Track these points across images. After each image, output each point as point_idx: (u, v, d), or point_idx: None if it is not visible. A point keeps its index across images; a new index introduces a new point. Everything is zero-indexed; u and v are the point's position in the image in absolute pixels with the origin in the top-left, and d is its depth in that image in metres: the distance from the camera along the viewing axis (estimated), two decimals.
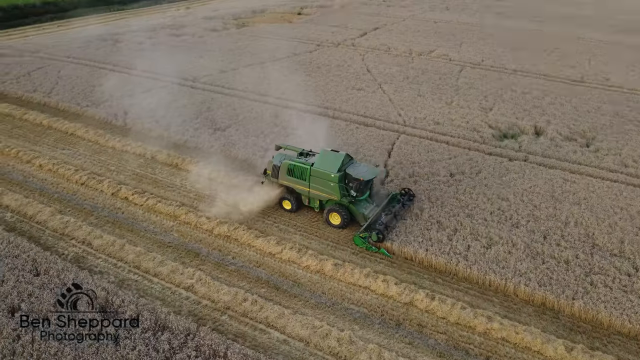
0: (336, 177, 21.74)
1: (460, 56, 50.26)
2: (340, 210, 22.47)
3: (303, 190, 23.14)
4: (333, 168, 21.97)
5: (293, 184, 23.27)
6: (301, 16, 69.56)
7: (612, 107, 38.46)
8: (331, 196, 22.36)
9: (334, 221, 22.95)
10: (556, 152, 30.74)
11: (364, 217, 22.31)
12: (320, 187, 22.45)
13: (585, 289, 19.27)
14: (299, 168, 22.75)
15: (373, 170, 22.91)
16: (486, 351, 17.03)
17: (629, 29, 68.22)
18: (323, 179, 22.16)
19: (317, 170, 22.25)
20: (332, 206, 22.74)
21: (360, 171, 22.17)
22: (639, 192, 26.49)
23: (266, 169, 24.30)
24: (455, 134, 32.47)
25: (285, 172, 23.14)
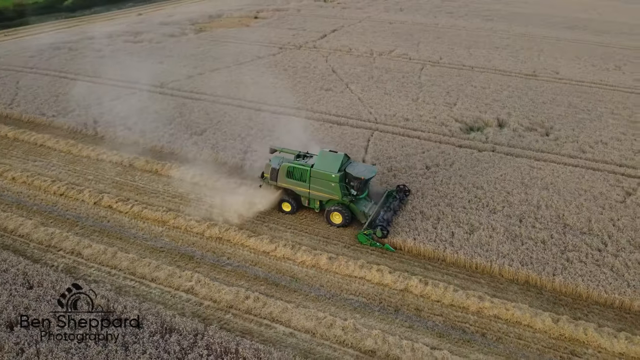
0: (337, 177, 22.17)
1: (420, 55, 52.05)
2: (342, 209, 22.91)
3: (303, 191, 23.40)
4: (333, 168, 22.38)
5: (293, 185, 23.49)
6: (258, 20, 69.79)
7: (565, 98, 41.04)
8: (332, 196, 22.75)
9: (336, 220, 23.32)
10: (520, 142, 32.61)
11: (364, 215, 22.87)
12: (321, 188, 22.78)
13: (563, 265, 20.75)
14: (298, 170, 23.03)
15: (372, 169, 23.49)
16: (481, 328, 18.10)
17: (570, 25, 72.57)
18: (324, 179, 22.51)
19: (318, 171, 22.59)
20: (332, 206, 23.12)
21: (359, 170, 22.76)
22: (598, 175, 28.57)
23: (263, 173, 24.38)
24: (425, 129, 33.81)
25: (284, 174, 23.36)
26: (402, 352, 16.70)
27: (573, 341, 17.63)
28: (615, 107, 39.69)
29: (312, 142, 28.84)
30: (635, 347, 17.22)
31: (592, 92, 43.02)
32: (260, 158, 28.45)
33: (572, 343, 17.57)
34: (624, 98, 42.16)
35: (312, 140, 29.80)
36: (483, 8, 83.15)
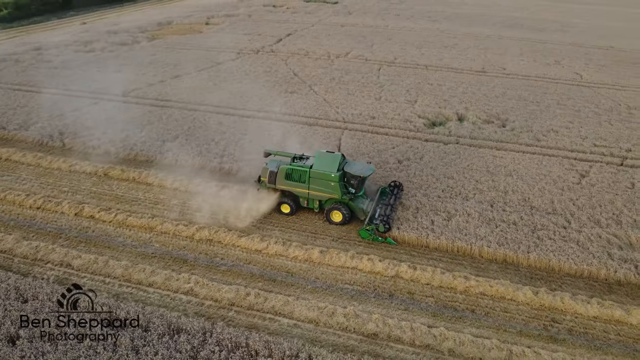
0: (337, 177, 22.83)
1: (375, 56, 53.77)
2: (341, 207, 23.58)
3: (302, 192, 23.89)
4: (332, 168, 23.03)
5: (292, 187, 23.92)
6: (210, 26, 69.46)
7: (515, 92, 43.81)
8: (332, 195, 23.37)
9: (336, 219, 23.92)
10: (480, 134, 34.66)
11: (363, 211, 23.69)
12: (321, 188, 23.34)
13: (535, 243, 22.53)
14: (297, 171, 23.50)
15: (369, 167, 24.19)
16: (470, 305, 19.46)
17: (509, 24, 76.91)
18: (323, 179, 23.09)
19: (317, 171, 23.14)
20: (332, 205, 23.76)
21: (357, 169, 23.51)
22: (554, 161, 30.94)
23: (260, 176, 24.70)
24: (392, 125, 35.25)
25: (283, 176, 23.76)
26: (402, 332, 17.76)
27: (552, 310, 19.31)
28: (560, 98, 42.79)
29: (287, 143, 29.61)
30: (606, 310, 19.10)
31: (538, 86, 46.11)
32: (238, 160, 28.95)
33: (552, 311, 19.25)
34: (567, 90, 45.48)
35: (286, 141, 30.56)
36: (427, 10, 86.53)
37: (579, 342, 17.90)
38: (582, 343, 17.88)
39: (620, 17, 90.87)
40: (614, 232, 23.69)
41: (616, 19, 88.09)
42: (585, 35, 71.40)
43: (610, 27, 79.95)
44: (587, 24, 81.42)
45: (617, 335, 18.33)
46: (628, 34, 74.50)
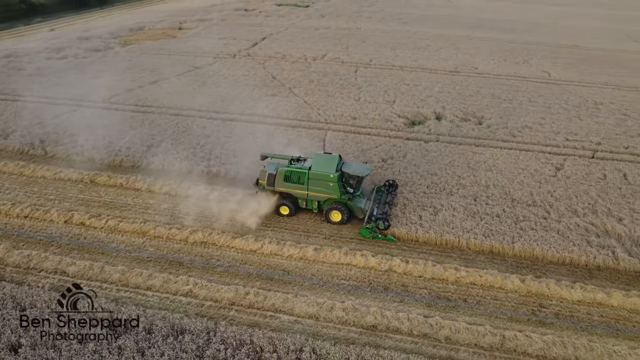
0: (335, 177, 23.30)
1: (351, 58, 54.62)
2: (340, 207, 24.06)
3: (301, 194, 24.21)
4: (331, 169, 23.47)
5: (291, 189, 24.21)
6: (183, 31, 69.09)
7: (488, 91, 45.28)
8: (331, 195, 23.80)
9: (335, 218, 24.37)
10: (459, 131, 35.78)
11: (361, 210, 24.23)
12: (320, 189, 23.74)
13: (518, 234, 23.56)
14: (296, 173, 23.81)
15: (366, 167, 24.77)
16: (462, 295, 20.26)
17: (477, 25, 79.07)
18: (322, 180, 23.50)
19: (316, 172, 23.53)
20: (331, 205, 24.20)
21: (355, 169, 24.06)
22: (530, 155, 32.25)
23: (258, 179, 24.91)
24: (373, 125, 36.04)
25: (282, 179, 24.02)
26: (400, 323, 18.40)
27: (539, 296, 20.29)
28: (531, 95, 44.46)
29: (273, 145, 30.01)
30: (589, 294, 20.18)
31: (509, 84, 47.74)
32: (226, 163, 29.17)
33: (539, 297, 20.22)
34: (536, 87, 47.26)
35: (272, 143, 30.92)
36: (397, 12, 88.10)
37: (566, 325, 18.89)
38: (568, 325, 18.87)
39: (583, 17, 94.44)
40: (590, 221, 24.94)
41: (579, 19, 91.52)
42: (552, 35, 74.06)
43: (575, 27, 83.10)
44: (553, 24, 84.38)
45: (600, 316, 19.41)
46: (591, 33, 77.58)
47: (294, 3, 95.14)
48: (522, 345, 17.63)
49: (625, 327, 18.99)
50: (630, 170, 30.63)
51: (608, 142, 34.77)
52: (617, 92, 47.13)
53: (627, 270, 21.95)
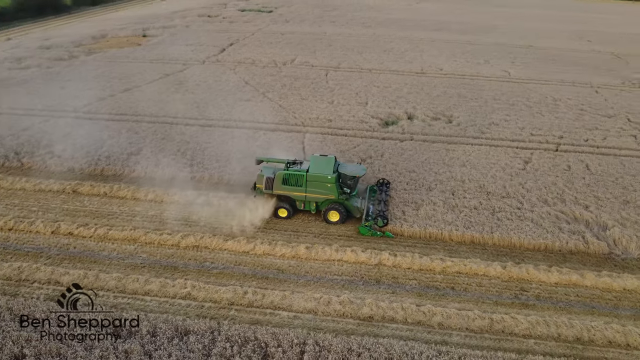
0: (333, 178, 24.02)
1: (319, 62, 55.57)
2: (338, 207, 24.77)
3: (299, 196, 24.75)
4: (328, 170, 24.20)
5: (289, 192, 24.70)
6: (148, 38, 68.37)
7: (454, 90, 47.10)
8: (329, 196, 24.46)
9: (333, 219, 25.02)
10: (431, 130, 37.22)
11: (357, 209, 25.00)
12: (318, 190, 24.37)
13: (496, 224, 24.97)
14: (294, 176, 24.37)
15: (361, 168, 25.63)
16: (449, 284, 21.38)
17: (438, 28, 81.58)
18: (320, 181, 24.13)
19: (314, 174, 24.16)
20: (329, 205, 24.85)
21: (351, 169, 24.87)
22: (500, 150, 33.97)
23: (256, 183, 25.29)
24: (349, 127, 37.04)
25: (280, 182, 24.49)
26: (395, 312, 19.35)
27: (520, 280, 21.65)
28: (494, 94, 46.55)
29: (253, 149, 30.61)
30: (565, 276, 21.69)
31: (473, 84, 49.78)
32: (209, 169, 29.46)
33: (520, 282, 21.58)
34: (499, 86, 49.47)
35: (252, 147, 31.51)
36: (360, 16, 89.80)
37: (547, 306, 20.28)
38: (549, 306, 20.26)
39: (535, 19, 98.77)
40: (560, 209, 26.64)
41: (532, 21, 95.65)
42: (507, 36, 77.20)
43: (528, 28, 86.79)
44: (507, 26, 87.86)
45: (576, 296, 20.91)
46: (543, 34, 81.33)
47: (257, 9, 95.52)
48: (509, 326, 18.86)
49: (599, 304, 20.55)
50: (592, 161, 32.74)
51: (569, 136, 36.97)
52: (573, 88, 49.89)
53: (596, 252, 23.65)
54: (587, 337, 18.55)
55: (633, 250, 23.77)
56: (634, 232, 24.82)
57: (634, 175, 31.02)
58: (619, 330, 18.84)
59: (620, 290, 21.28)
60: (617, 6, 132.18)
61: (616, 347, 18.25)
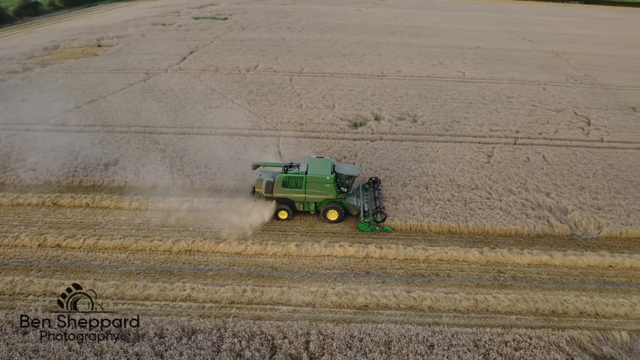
0: (331, 179, 25.08)
1: (282, 68, 56.53)
2: (337, 206, 25.81)
3: (299, 197, 25.62)
4: (326, 171, 25.26)
5: (289, 194, 25.54)
6: (104, 48, 67.06)
7: (415, 91, 49.26)
8: (327, 196, 25.46)
9: (332, 217, 26.03)
10: (398, 129, 38.99)
11: (354, 207, 26.10)
12: (317, 191, 25.33)
13: (469, 214, 26.80)
14: (293, 178, 25.21)
15: (356, 167, 26.79)
16: (433, 270, 22.94)
17: (391, 32, 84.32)
18: (319, 182, 25.12)
19: (312, 176, 25.12)
20: (328, 205, 25.81)
21: (347, 169, 26.09)
22: (464, 146, 36.13)
23: (255, 188, 26.01)
24: (320, 129, 38.24)
25: (280, 185, 25.28)
26: (387, 300, 20.67)
27: (496, 264, 23.49)
28: (452, 93, 49.04)
29: (231, 154, 31.30)
30: (535, 257, 23.75)
31: (431, 84, 52.16)
32: (190, 175, 29.84)
33: (497, 265, 23.42)
34: (455, 86, 52.10)
35: (229, 153, 32.18)
36: (315, 22, 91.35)
37: (522, 285, 22.17)
38: (524, 285, 22.15)
39: (475, 21, 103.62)
40: (525, 197, 28.85)
41: (473, 23, 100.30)
42: (456, 39, 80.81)
43: (471, 30, 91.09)
44: (454, 28, 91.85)
45: (547, 275, 22.94)
46: (487, 35, 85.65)
47: (211, 16, 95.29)
48: (492, 305, 20.57)
49: (568, 280, 22.65)
50: (547, 152, 35.41)
51: (525, 130, 39.70)
52: (523, 86, 53.22)
53: (560, 234, 25.92)
54: (561, 309, 20.52)
55: (592, 231, 26.17)
56: (591, 214, 27.28)
57: (586, 163, 33.85)
58: (588, 301, 20.95)
59: (585, 266, 23.50)
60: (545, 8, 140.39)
61: (587, 317, 20.30)
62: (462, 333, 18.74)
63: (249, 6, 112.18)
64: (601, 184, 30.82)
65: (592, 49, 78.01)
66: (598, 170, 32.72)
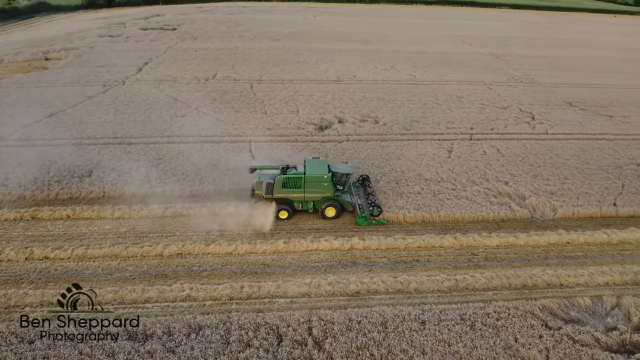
0: (329, 178, 26.54)
1: (241, 76, 57.38)
2: (334, 204, 27.19)
3: (298, 197, 26.85)
4: (324, 171, 26.73)
5: (288, 194, 26.70)
6: (52, 61, 65.17)
7: (372, 95, 51.53)
8: (325, 194, 26.85)
9: (330, 214, 27.40)
10: (362, 130, 40.94)
11: (350, 204, 27.58)
12: (315, 190, 26.68)
13: (440, 204, 28.94)
14: (292, 179, 26.43)
15: (349, 166, 28.61)
16: (414, 257, 24.76)
17: (340, 39, 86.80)
18: (317, 182, 26.49)
19: (311, 176, 26.47)
20: (325, 203, 27.17)
21: (342, 168, 27.80)
22: (426, 143, 38.55)
23: (255, 190, 26.97)
24: (288, 133, 39.55)
25: (280, 186, 26.38)
26: (377, 286, 22.26)
27: (469, 247, 25.64)
28: (408, 95, 51.69)
29: (206, 161, 32.07)
30: (503, 239, 26.11)
31: (387, 88, 54.68)
32: (168, 182, 30.30)
33: (469, 248, 25.57)
34: (409, 88, 54.89)
35: (204, 160, 32.92)
36: (265, 30, 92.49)
37: (494, 264, 24.39)
38: (496, 264, 24.40)
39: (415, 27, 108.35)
40: (486, 187, 31.37)
41: (413, 29, 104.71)
42: (401, 44, 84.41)
43: (415, 35, 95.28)
44: (397, 34, 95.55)
45: (514, 254, 25.31)
46: (429, 40, 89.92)
47: (159, 27, 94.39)
48: (471, 283, 22.61)
49: (533, 257, 25.13)
50: (501, 145, 38.41)
51: (478, 127, 42.70)
52: (470, 86, 56.78)
53: (522, 218, 28.53)
54: (530, 283, 22.83)
55: (548, 213, 28.96)
56: (546, 199, 30.12)
57: (535, 154, 37.04)
58: (553, 274, 23.41)
59: (546, 244, 26.10)
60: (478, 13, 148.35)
61: (553, 287, 22.71)
62: (449, 309, 20.58)
63: (197, 16, 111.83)
64: (551, 172, 33.92)
65: (527, 50, 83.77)
66: (547, 160, 35.91)
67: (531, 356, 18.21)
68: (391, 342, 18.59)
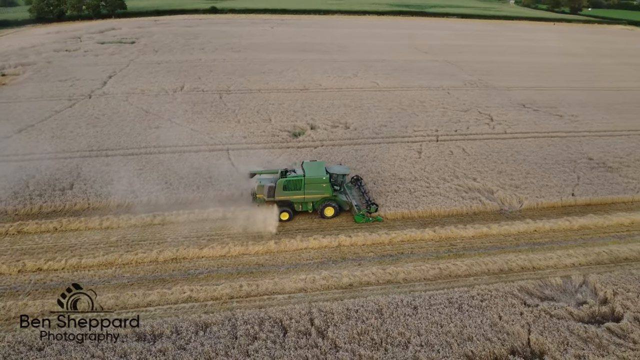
0: (327, 179, 27.91)
1: (209, 87, 57.92)
2: (333, 203, 28.53)
3: (298, 199, 28.05)
4: (322, 173, 28.10)
5: (289, 196, 27.88)
6: (10, 77, 63.39)
7: (340, 102, 53.33)
8: (324, 195, 28.18)
9: (329, 214, 28.77)
10: (335, 136, 42.54)
11: (346, 203, 28.91)
12: (315, 191, 27.99)
13: (416, 201, 30.80)
14: (293, 182, 27.63)
15: (345, 167, 30.39)
16: (399, 250, 26.42)
17: (302, 49, 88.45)
18: (316, 183, 27.81)
19: (310, 178, 27.77)
20: (324, 203, 28.45)
21: (339, 170, 29.38)
22: (397, 145, 40.57)
23: (256, 194, 27.95)
24: (264, 141, 40.62)
25: (281, 188, 27.50)
26: (368, 278, 23.71)
27: (448, 239, 27.54)
28: (373, 102, 53.78)
29: (187, 170, 32.75)
30: (477, 230, 28.18)
31: (352, 95, 56.63)
32: (153, 192, 30.74)
33: (448, 240, 27.47)
34: (373, 94, 57.09)
35: (185, 169, 33.54)
36: (225, 42, 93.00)
37: (472, 253, 26.35)
38: (474, 253, 26.36)
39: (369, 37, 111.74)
40: (457, 184, 33.53)
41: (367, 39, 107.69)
42: (360, 53, 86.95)
43: (372, 45, 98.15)
44: (354, 44, 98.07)
45: (489, 242, 27.41)
46: (387, 49, 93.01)
47: (117, 40, 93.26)
48: (454, 271, 24.40)
49: (506, 245, 27.32)
50: (466, 145, 40.89)
51: (442, 128, 45.17)
52: (431, 92, 59.59)
53: (492, 210, 30.78)
54: (506, 267, 24.87)
55: (515, 205, 31.36)
56: (512, 192, 32.54)
57: (498, 152, 39.68)
58: (525, 259, 25.55)
59: (516, 233, 28.36)
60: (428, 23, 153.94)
61: (526, 271, 24.83)
62: (437, 294, 22.22)
63: (154, 29, 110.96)
64: (514, 168, 36.54)
65: (479, 56, 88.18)
66: (509, 157, 38.58)
67: (515, 331, 20.03)
68: (388, 327, 19.99)
